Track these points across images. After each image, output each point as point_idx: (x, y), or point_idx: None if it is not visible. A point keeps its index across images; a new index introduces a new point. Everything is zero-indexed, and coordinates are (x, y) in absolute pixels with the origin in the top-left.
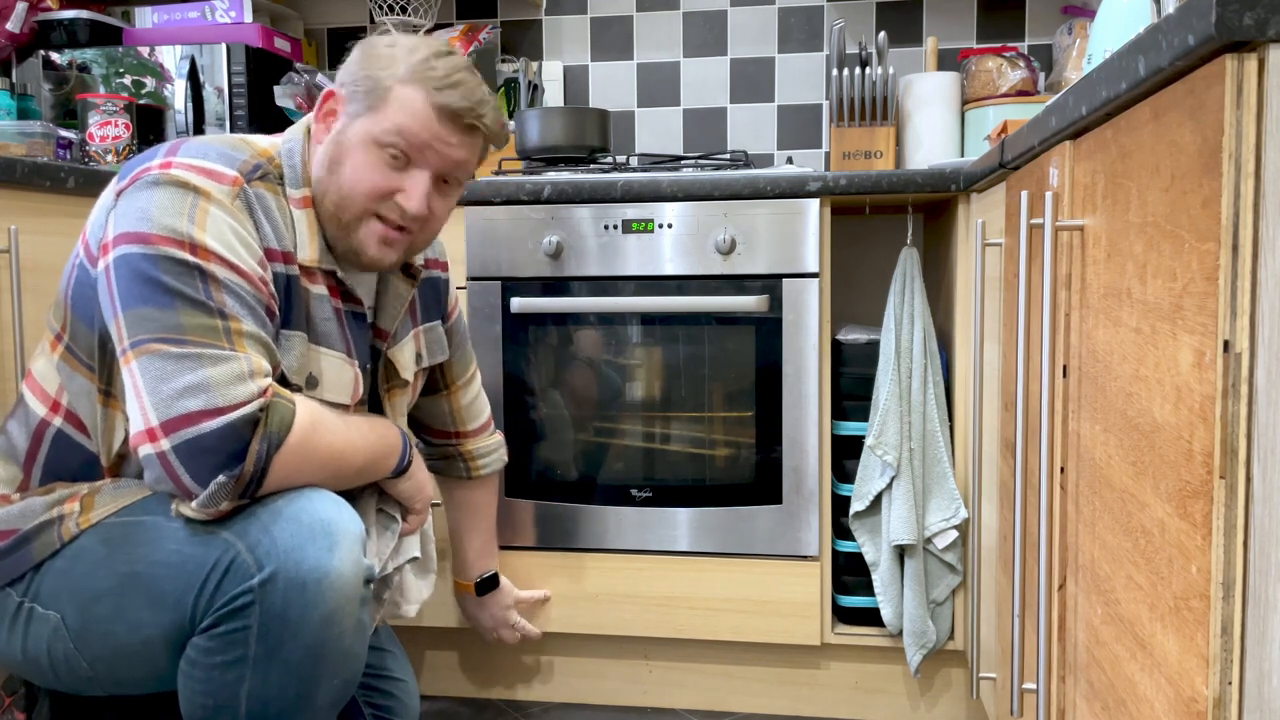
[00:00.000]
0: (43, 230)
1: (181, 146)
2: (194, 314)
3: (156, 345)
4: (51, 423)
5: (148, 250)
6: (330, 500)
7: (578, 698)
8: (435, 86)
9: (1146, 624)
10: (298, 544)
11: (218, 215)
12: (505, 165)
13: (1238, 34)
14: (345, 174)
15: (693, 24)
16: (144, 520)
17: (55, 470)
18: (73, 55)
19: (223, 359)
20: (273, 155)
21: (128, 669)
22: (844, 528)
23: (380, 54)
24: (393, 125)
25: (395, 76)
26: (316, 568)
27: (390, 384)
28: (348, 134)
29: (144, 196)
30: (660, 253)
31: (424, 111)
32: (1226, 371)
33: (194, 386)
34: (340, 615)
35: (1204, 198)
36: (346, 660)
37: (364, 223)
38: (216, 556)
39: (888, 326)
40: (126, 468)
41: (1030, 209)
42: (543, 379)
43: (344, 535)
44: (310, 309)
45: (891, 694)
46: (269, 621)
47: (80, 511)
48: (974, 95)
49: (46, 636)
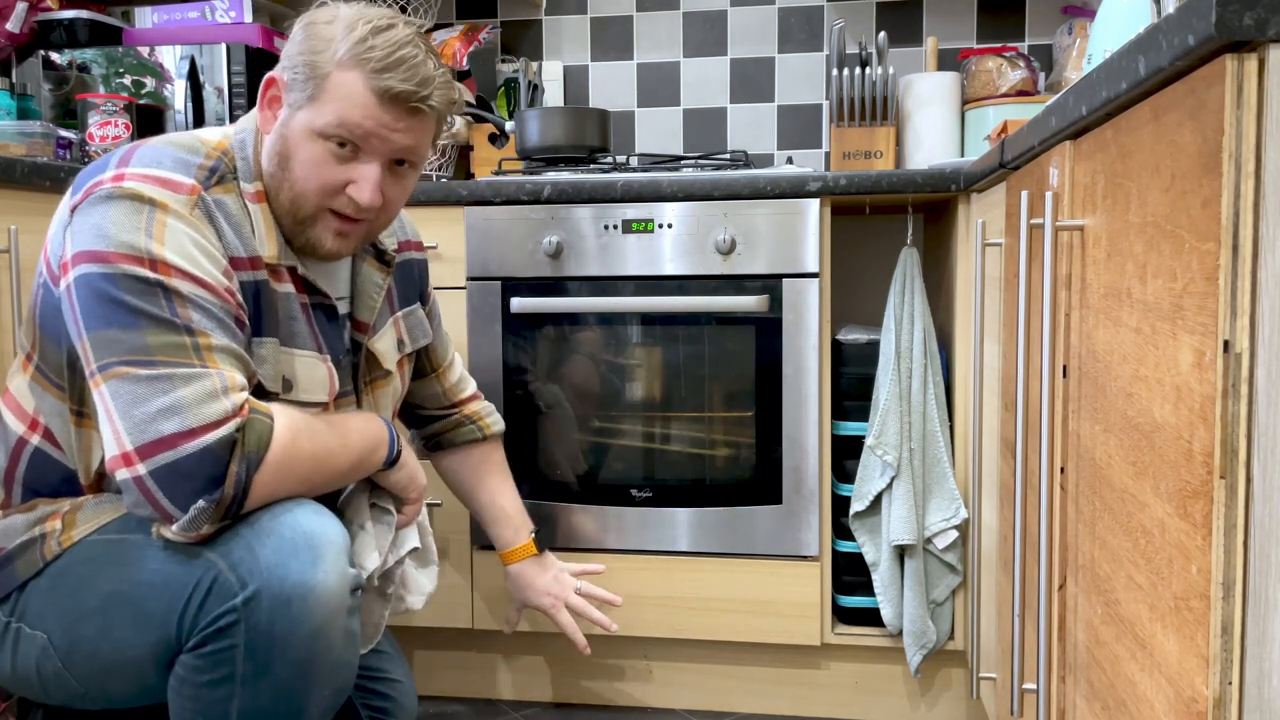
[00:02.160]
0: (42, 230)
1: (134, 154)
2: (160, 333)
3: (124, 368)
4: (30, 440)
5: (106, 269)
6: (313, 511)
7: (578, 698)
8: (374, 69)
9: (1146, 624)
10: (280, 560)
11: (176, 227)
12: (505, 165)
13: (1238, 34)
14: (295, 171)
15: (693, 24)
16: (126, 539)
17: (35, 486)
18: (73, 55)
19: (194, 377)
20: (226, 148)
21: (117, 685)
22: (844, 528)
23: (319, 33)
24: (334, 116)
25: (333, 60)
26: (301, 583)
27: (372, 375)
28: (291, 127)
29: (98, 212)
30: (660, 253)
31: (364, 98)
32: (1226, 371)
33: (167, 409)
34: (328, 628)
35: (1204, 198)
36: (337, 670)
37: (319, 219)
38: (199, 575)
39: (888, 326)
40: (108, 483)
41: (1030, 209)
42: (543, 379)
43: (328, 546)
44: (279, 310)
45: (891, 694)
46: (255, 639)
47: (61, 530)
48: (974, 95)
49: (35, 655)
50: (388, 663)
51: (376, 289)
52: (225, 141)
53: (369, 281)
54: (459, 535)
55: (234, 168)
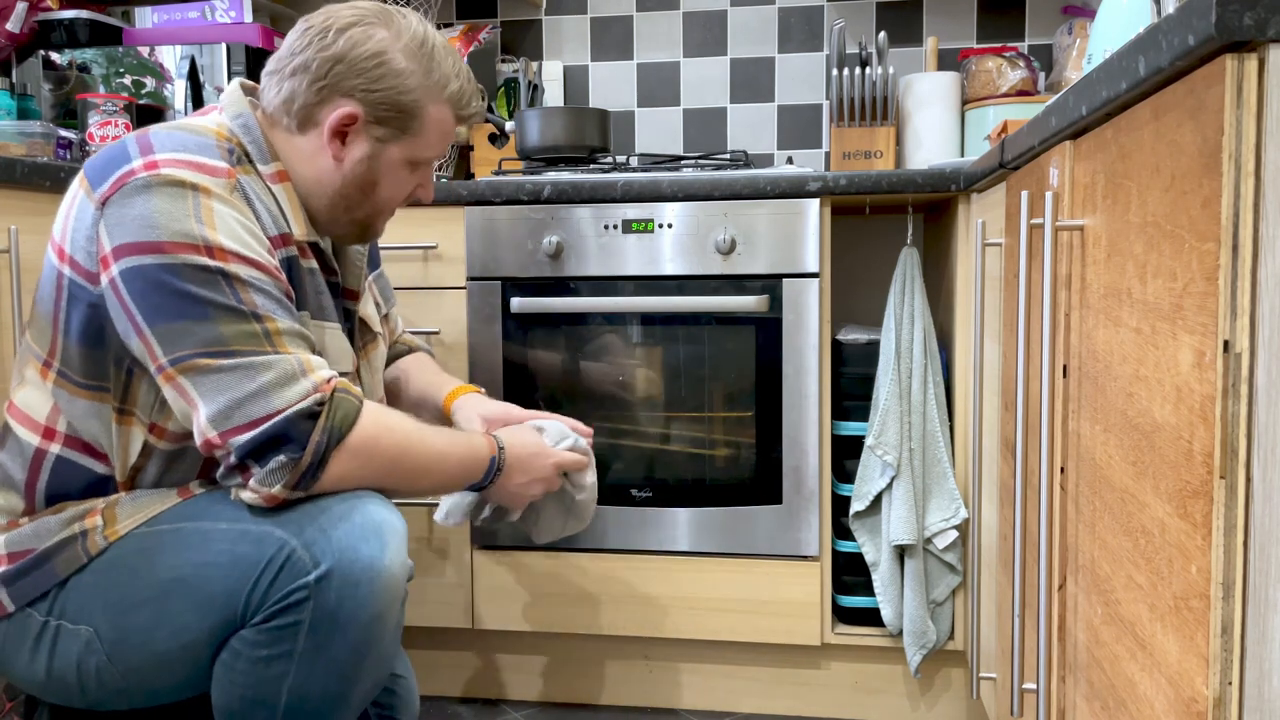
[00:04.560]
0: (43, 230)
1: (153, 141)
2: (231, 322)
3: (201, 360)
4: (49, 450)
5: (164, 260)
6: (380, 501)
7: (578, 698)
8: (462, 106)
9: (1146, 624)
10: (352, 543)
11: (223, 211)
12: (505, 165)
13: (1238, 34)
14: (382, 195)
15: (693, 24)
16: (183, 527)
17: (58, 493)
18: (73, 55)
19: (272, 364)
20: (228, 134)
21: (165, 676)
22: (844, 528)
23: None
24: (435, 151)
25: (427, 97)
26: (370, 566)
27: (365, 340)
28: (384, 160)
29: (140, 202)
30: (660, 253)
31: (452, 125)
32: (1226, 371)
33: (251, 395)
34: (387, 614)
35: (1204, 198)
36: (381, 663)
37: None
38: (272, 554)
39: (888, 326)
40: (141, 479)
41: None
42: (543, 379)
43: (393, 534)
44: (307, 285)
45: (891, 694)
46: (320, 618)
47: (104, 525)
48: (974, 95)
49: (77, 652)
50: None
51: (360, 256)
52: (222, 129)
53: (353, 250)
54: (459, 535)
55: (245, 151)
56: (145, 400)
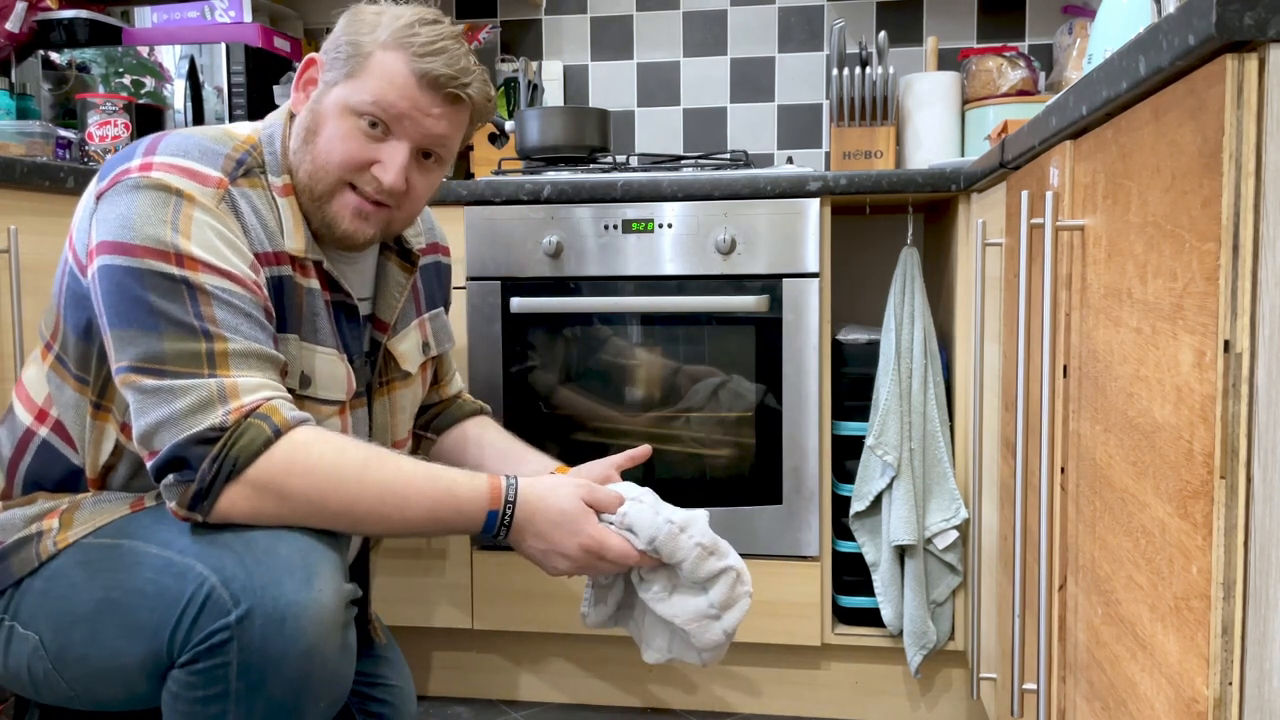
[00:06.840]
0: (42, 230)
1: (161, 143)
2: (176, 339)
3: (135, 375)
4: (37, 433)
5: (131, 263)
6: (308, 529)
7: (578, 698)
8: (417, 52)
9: (1147, 624)
10: (274, 578)
11: (202, 219)
12: (505, 165)
13: (1238, 34)
14: (320, 143)
15: (693, 24)
16: (121, 544)
17: (37, 479)
18: (72, 55)
19: (190, 389)
20: (256, 142)
21: (107, 691)
22: (844, 528)
23: (364, 18)
24: (371, 94)
25: (376, 41)
26: (294, 603)
27: (389, 377)
28: (324, 102)
29: (124, 202)
30: (660, 253)
31: (404, 78)
32: (1227, 371)
33: (165, 421)
34: (322, 645)
35: (1204, 198)
36: (333, 683)
37: (338, 194)
38: (192, 590)
39: (888, 326)
40: (111, 479)
41: (1030, 209)
42: (543, 379)
43: (323, 562)
44: (303, 305)
45: (891, 694)
46: (249, 658)
47: (59, 529)
48: (974, 95)
49: (26, 655)
50: (386, 668)
51: (399, 288)
52: (255, 136)
53: (392, 280)
54: (459, 535)
55: (261, 161)
56: (120, 399)
